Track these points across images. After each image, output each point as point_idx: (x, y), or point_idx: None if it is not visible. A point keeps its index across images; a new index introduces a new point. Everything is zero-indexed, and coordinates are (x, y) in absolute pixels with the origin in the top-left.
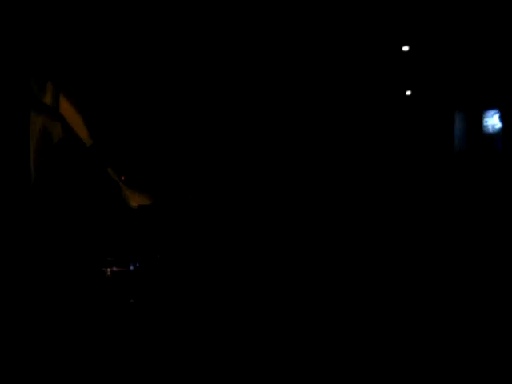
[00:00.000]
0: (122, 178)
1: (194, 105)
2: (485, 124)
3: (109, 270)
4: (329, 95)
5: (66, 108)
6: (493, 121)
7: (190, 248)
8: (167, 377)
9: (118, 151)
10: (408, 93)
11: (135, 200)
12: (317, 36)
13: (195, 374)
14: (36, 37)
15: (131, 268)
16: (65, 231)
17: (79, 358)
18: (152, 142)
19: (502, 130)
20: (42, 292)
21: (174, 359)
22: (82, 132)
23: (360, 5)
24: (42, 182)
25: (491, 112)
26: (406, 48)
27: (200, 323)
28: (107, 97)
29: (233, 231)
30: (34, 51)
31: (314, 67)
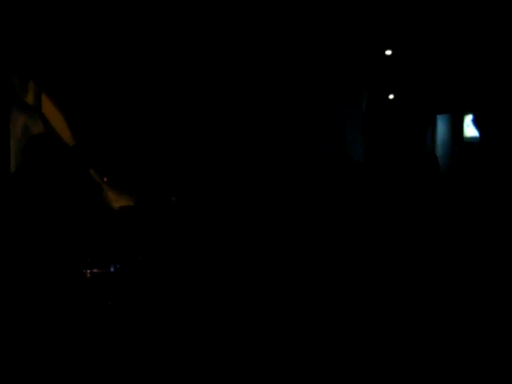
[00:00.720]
0: (105, 179)
1: (176, 105)
2: (466, 128)
3: (89, 271)
4: (312, 97)
5: (49, 108)
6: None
7: (171, 250)
8: (147, 380)
9: (100, 152)
10: (391, 96)
11: (117, 201)
12: (302, 36)
13: (177, 377)
14: (18, 36)
15: (111, 270)
16: (44, 231)
17: (59, 361)
18: (134, 144)
19: (479, 133)
20: (19, 294)
21: (155, 362)
22: (65, 132)
23: (345, 7)
24: (22, 181)
25: (471, 116)
26: (388, 52)
27: (182, 326)
28: (91, 98)
29: (218, 233)
30: (16, 50)
31: (300, 66)
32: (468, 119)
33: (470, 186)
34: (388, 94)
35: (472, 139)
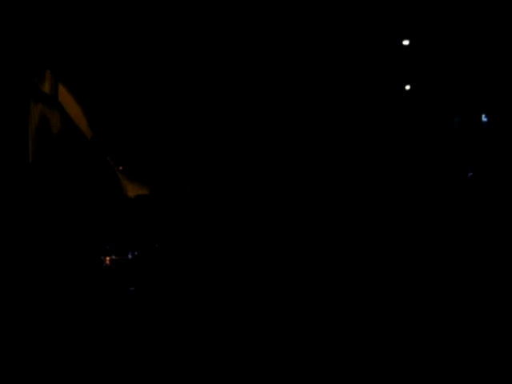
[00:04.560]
0: (120, 168)
1: (193, 97)
2: (482, 122)
3: (108, 258)
4: (329, 92)
5: (66, 98)
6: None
7: (187, 238)
8: (167, 367)
9: (116, 142)
10: (407, 87)
11: (133, 190)
12: (316, 30)
13: (194, 366)
14: (36, 26)
15: (129, 256)
16: (63, 220)
17: (80, 348)
18: (151, 133)
19: (494, 129)
20: (41, 281)
21: (173, 350)
22: (82, 122)
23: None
24: (40, 170)
25: (487, 111)
26: (406, 42)
27: (198, 312)
28: (107, 88)
29: (231, 222)
30: (34, 40)
31: (314, 61)
32: (483, 114)
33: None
34: (406, 86)
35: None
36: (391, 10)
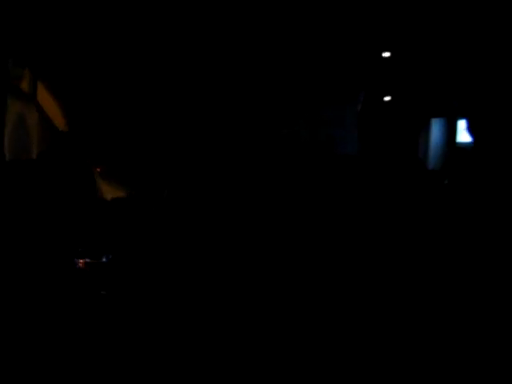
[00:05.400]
0: (98, 169)
1: (172, 96)
2: (459, 133)
3: (81, 261)
4: (303, 97)
5: (44, 95)
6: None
7: (163, 242)
8: (142, 371)
9: (94, 141)
10: (387, 98)
11: (110, 192)
12: (300, 37)
13: (171, 369)
14: (15, 23)
15: (104, 260)
16: (36, 220)
17: (50, 354)
18: (129, 134)
19: (473, 140)
20: (10, 285)
21: (147, 353)
22: (59, 120)
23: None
24: (15, 168)
25: (465, 121)
26: (386, 54)
27: (173, 316)
28: (86, 86)
29: (209, 226)
30: (13, 38)
31: (293, 66)
32: (461, 124)
33: (460, 188)
34: (384, 96)
35: (465, 144)
36: (371, 20)
